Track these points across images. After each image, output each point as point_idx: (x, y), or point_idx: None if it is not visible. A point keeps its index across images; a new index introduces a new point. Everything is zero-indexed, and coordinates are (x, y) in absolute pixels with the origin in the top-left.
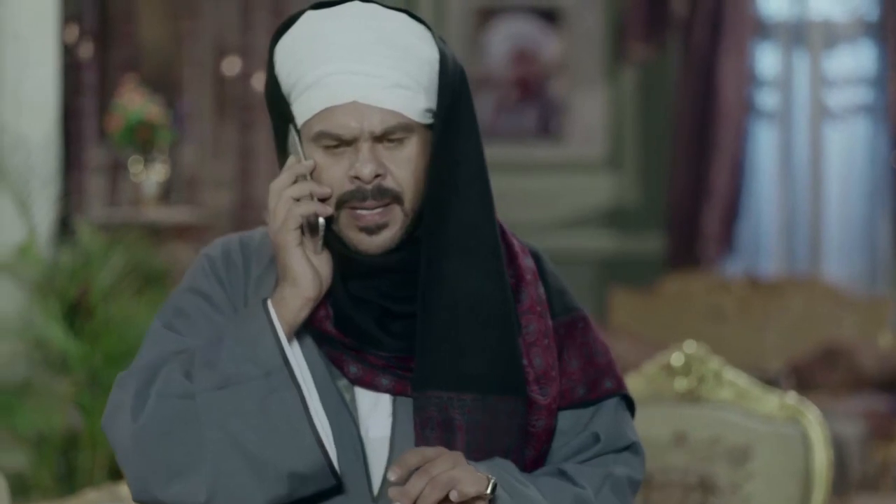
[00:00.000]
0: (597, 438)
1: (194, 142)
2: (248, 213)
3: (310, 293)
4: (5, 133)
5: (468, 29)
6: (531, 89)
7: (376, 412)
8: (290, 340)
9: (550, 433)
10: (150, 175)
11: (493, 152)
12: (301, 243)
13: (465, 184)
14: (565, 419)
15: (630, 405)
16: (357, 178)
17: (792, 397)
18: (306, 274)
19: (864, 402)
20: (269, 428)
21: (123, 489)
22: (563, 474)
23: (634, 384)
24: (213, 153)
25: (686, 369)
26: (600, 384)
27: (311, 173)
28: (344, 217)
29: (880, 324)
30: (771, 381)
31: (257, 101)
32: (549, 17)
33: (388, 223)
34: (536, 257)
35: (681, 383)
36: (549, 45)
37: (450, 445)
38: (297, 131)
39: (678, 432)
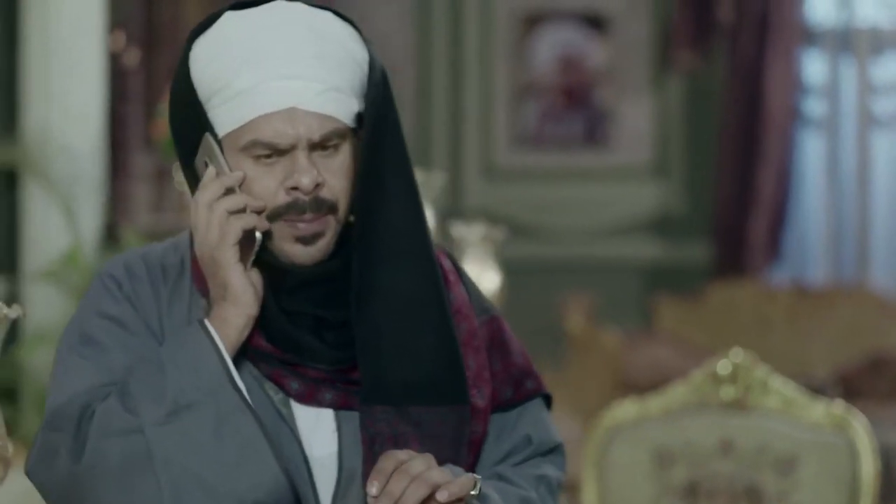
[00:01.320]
0: (529, 441)
1: None
2: None
3: (253, 310)
4: (52, 140)
5: (514, 36)
6: (577, 97)
7: (319, 428)
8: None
9: (484, 437)
10: None
11: (539, 160)
12: (240, 259)
13: (395, 188)
14: (492, 421)
15: (549, 404)
16: (295, 188)
17: (839, 406)
18: (248, 291)
19: None
20: (228, 457)
21: None
22: (502, 478)
23: (681, 392)
24: None
25: (733, 378)
26: (522, 384)
27: (240, 185)
28: (278, 229)
29: None
30: (817, 390)
31: None
32: (595, 24)
33: (324, 232)
34: (450, 258)
35: (727, 392)
36: (595, 53)
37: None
38: (218, 141)
39: (725, 440)
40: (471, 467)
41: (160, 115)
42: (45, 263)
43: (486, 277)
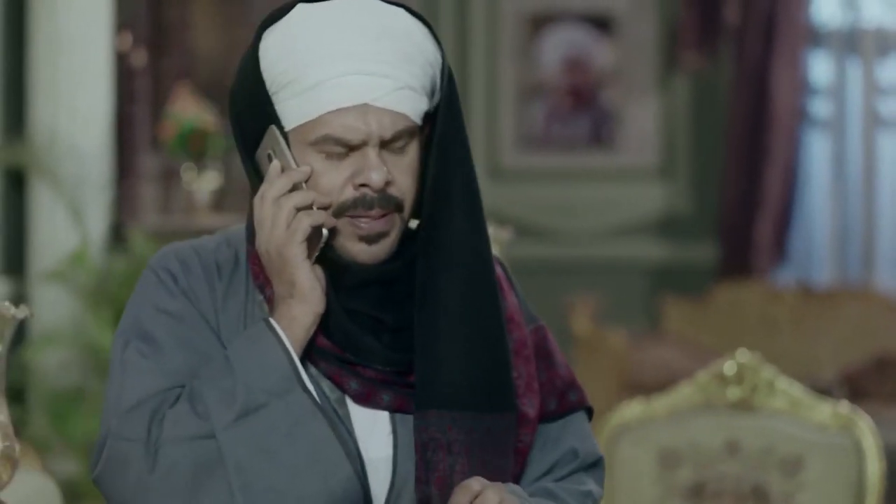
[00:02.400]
0: (575, 454)
1: None
2: None
3: (320, 308)
4: (59, 141)
5: (520, 37)
6: (583, 98)
7: (375, 431)
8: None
9: (530, 448)
10: (203, 183)
11: (545, 161)
12: (308, 256)
13: (461, 191)
14: (537, 432)
15: (590, 417)
16: (365, 185)
17: (845, 407)
18: (316, 289)
19: None
20: (300, 460)
21: None
22: (551, 494)
23: (687, 393)
24: None
25: (739, 378)
26: (566, 396)
27: (307, 180)
28: (342, 226)
29: None
30: (824, 391)
31: None
32: (602, 25)
33: (389, 231)
34: (502, 265)
35: (733, 392)
36: (602, 54)
37: (452, 468)
38: (284, 134)
39: (731, 441)
40: (517, 478)
41: (167, 116)
42: (52, 264)
43: None
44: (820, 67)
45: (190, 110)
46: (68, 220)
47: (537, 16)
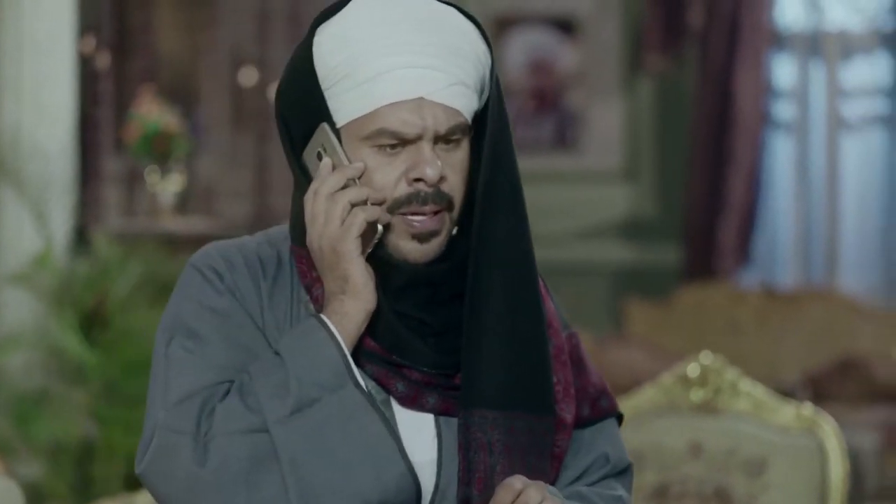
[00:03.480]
0: (607, 459)
1: (211, 152)
2: (265, 223)
3: (372, 305)
4: (23, 142)
5: None
6: (548, 100)
7: (420, 433)
8: None
9: (566, 453)
10: (167, 185)
11: None
12: (361, 253)
13: (509, 192)
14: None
15: (619, 423)
16: (419, 180)
17: (808, 409)
18: (369, 285)
19: (881, 414)
20: (354, 455)
21: (139, 499)
22: (584, 498)
23: (650, 395)
24: (230, 163)
25: (702, 380)
26: (598, 403)
27: (360, 176)
28: (395, 223)
29: None
30: (787, 393)
31: (274, 112)
32: (566, 27)
33: (440, 230)
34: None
35: (697, 394)
36: (566, 56)
37: (493, 469)
38: (335, 130)
39: (694, 443)
40: (552, 482)
41: (131, 118)
42: (15, 266)
43: None
44: (783, 70)
45: (154, 113)
46: (31, 222)
47: (501, 18)
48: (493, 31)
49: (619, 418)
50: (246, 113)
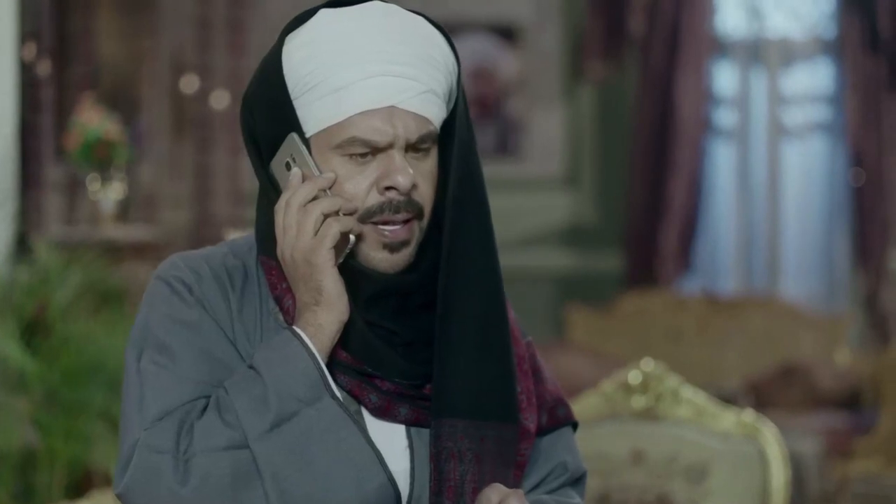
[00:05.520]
0: (565, 468)
1: (152, 160)
2: (206, 231)
3: (346, 316)
4: None
5: None
6: (489, 107)
7: (392, 444)
8: None
9: (528, 462)
10: (108, 193)
11: None
12: (335, 263)
13: (477, 202)
14: None
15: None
16: (391, 188)
17: (749, 415)
18: (343, 296)
19: (822, 420)
20: (335, 467)
21: None
22: None
23: (592, 402)
24: (171, 171)
25: (644, 387)
26: (556, 411)
27: (331, 187)
28: (368, 233)
29: (837, 341)
30: (729, 399)
31: (215, 120)
32: (507, 35)
33: (410, 240)
34: None
35: (638, 401)
36: (507, 64)
37: (463, 477)
38: (305, 141)
39: (636, 450)
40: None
41: (72, 125)
42: None
43: None
44: (724, 77)
45: (94, 120)
46: None
47: (443, 25)
48: None
49: (574, 426)
50: (187, 121)
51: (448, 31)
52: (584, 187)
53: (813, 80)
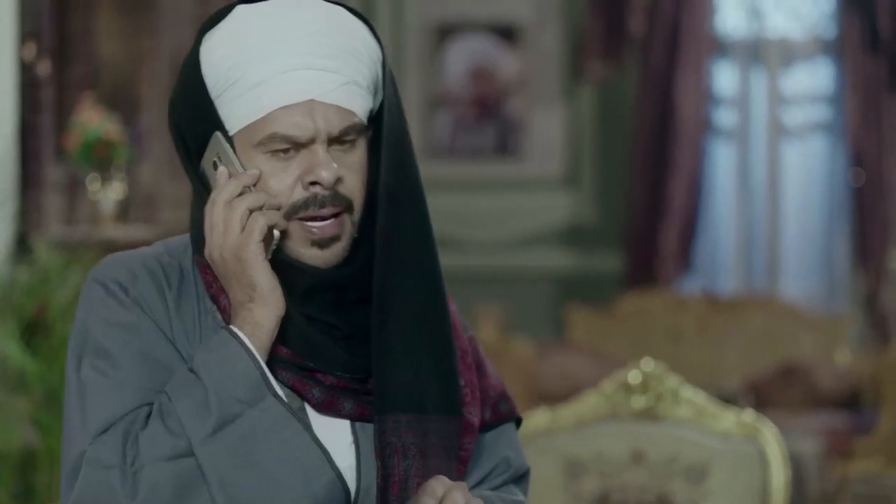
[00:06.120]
0: (508, 464)
1: (152, 160)
2: None
3: (282, 311)
4: None
5: (426, 47)
6: (489, 108)
7: (337, 440)
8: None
9: (471, 457)
10: (108, 193)
11: (451, 171)
12: (266, 258)
13: (411, 193)
14: None
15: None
16: (315, 183)
17: (749, 415)
18: (276, 290)
19: (822, 420)
20: (281, 468)
21: None
22: (490, 503)
23: (592, 402)
24: (171, 171)
25: (644, 387)
26: (498, 407)
27: (255, 183)
28: (293, 230)
29: (838, 341)
30: (729, 399)
31: None
32: (507, 35)
33: (340, 235)
34: None
35: (638, 401)
36: (507, 64)
37: (408, 472)
38: (229, 139)
39: (636, 450)
40: None
41: (72, 126)
42: None
43: None
44: (724, 77)
45: (94, 120)
46: None
47: (442, 26)
48: (435, 38)
49: (518, 422)
50: None
51: (448, 30)
52: (584, 187)
53: (813, 80)
